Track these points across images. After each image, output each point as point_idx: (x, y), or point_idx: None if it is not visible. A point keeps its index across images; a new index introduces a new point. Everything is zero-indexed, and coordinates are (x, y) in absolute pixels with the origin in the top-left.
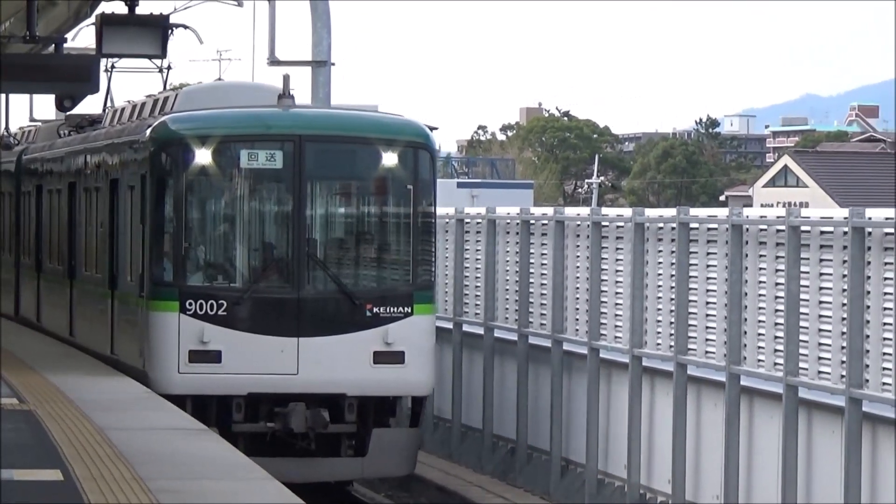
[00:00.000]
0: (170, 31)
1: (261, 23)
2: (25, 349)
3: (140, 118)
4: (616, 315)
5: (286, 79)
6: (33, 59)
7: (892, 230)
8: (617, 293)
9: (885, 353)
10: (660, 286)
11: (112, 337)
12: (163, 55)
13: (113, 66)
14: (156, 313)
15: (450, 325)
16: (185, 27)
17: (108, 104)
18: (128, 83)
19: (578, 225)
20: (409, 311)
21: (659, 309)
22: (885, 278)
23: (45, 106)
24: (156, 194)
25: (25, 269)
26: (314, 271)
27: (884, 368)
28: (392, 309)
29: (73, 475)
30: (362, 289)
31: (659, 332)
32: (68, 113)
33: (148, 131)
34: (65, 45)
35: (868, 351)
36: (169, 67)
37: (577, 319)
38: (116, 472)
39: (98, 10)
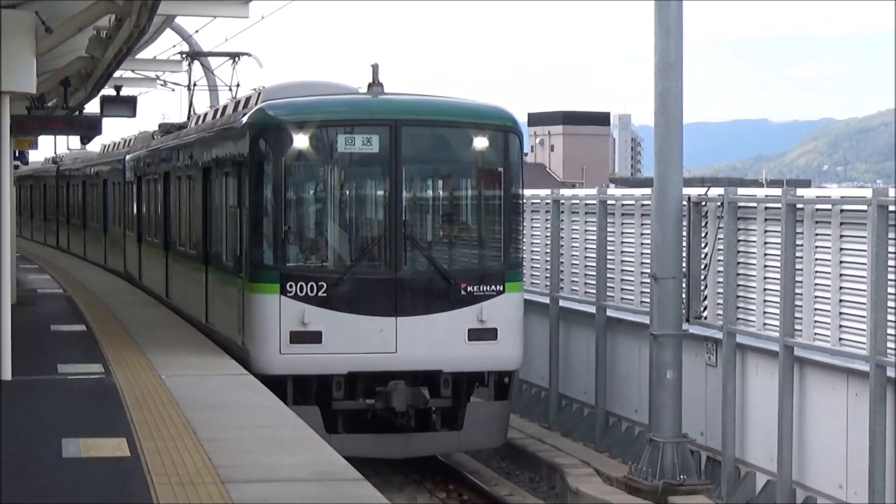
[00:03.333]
0: (236, 59)
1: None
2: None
3: (223, 118)
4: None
5: (375, 67)
6: (67, 118)
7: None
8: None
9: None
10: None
11: (206, 307)
12: (133, 115)
13: (195, 84)
14: (257, 295)
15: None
16: (248, 55)
17: (192, 114)
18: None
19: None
20: (501, 289)
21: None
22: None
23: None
24: (255, 180)
25: (129, 240)
26: (411, 252)
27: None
28: (485, 287)
29: (95, 330)
30: (457, 268)
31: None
32: (160, 122)
33: (245, 119)
34: (84, 112)
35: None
36: (238, 85)
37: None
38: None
39: (101, 93)
